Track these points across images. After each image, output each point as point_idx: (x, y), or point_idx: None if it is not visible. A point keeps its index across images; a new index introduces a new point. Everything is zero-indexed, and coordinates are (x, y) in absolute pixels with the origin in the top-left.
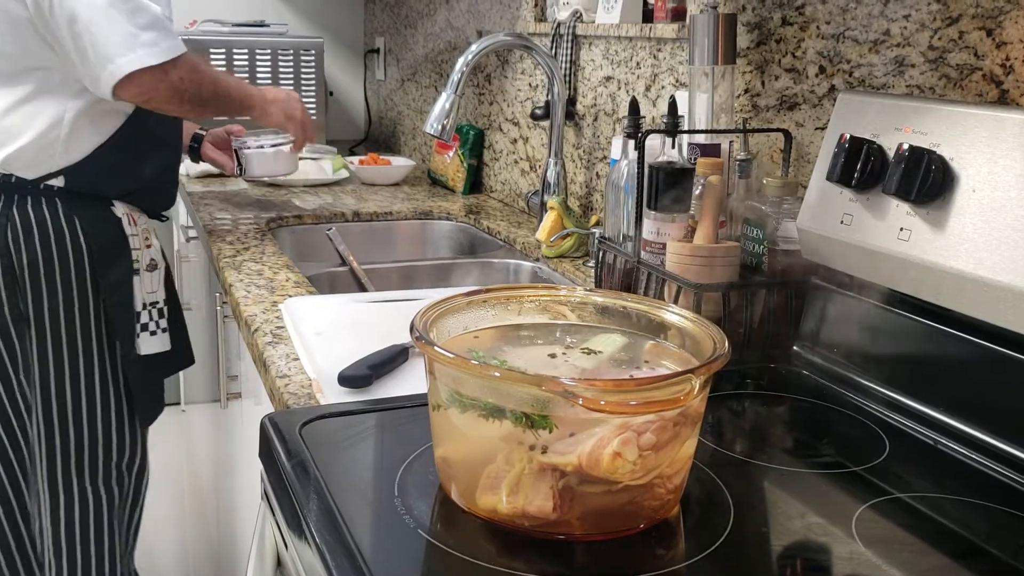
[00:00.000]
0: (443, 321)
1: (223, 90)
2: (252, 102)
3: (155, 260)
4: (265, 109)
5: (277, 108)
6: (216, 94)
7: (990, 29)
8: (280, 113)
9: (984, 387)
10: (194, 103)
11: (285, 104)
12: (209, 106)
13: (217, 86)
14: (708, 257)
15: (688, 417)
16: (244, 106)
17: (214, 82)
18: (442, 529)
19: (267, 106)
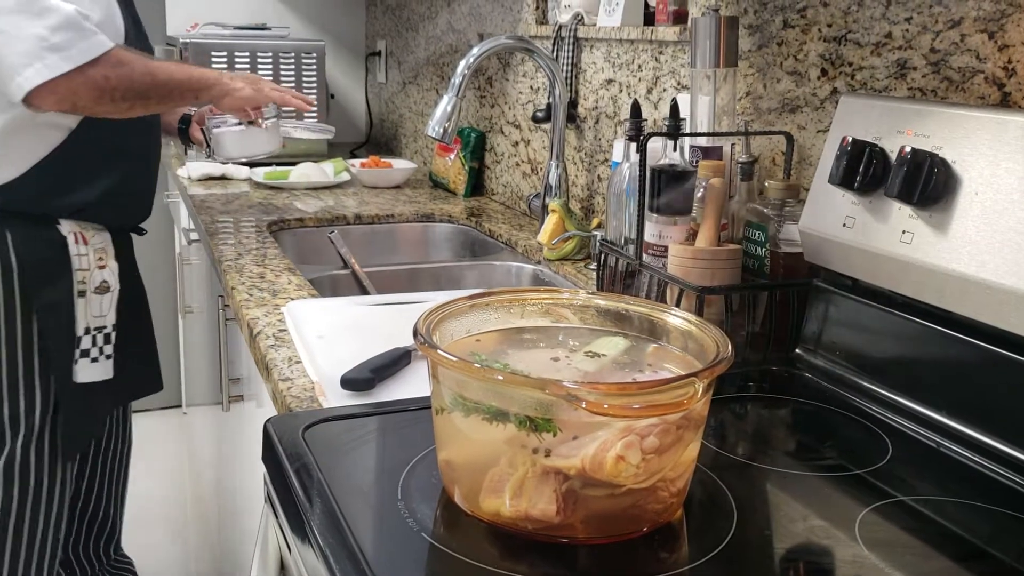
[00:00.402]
0: (446, 324)
1: (164, 77)
2: (208, 82)
3: (108, 282)
4: (228, 85)
5: (243, 82)
6: (156, 84)
7: (992, 32)
8: (248, 87)
9: (987, 390)
10: (131, 98)
11: (250, 78)
12: (152, 98)
13: (155, 75)
14: (710, 260)
15: (691, 420)
16: (199, 88)
17: (149, 72)
18: (445, 532)
19: (230, 82)
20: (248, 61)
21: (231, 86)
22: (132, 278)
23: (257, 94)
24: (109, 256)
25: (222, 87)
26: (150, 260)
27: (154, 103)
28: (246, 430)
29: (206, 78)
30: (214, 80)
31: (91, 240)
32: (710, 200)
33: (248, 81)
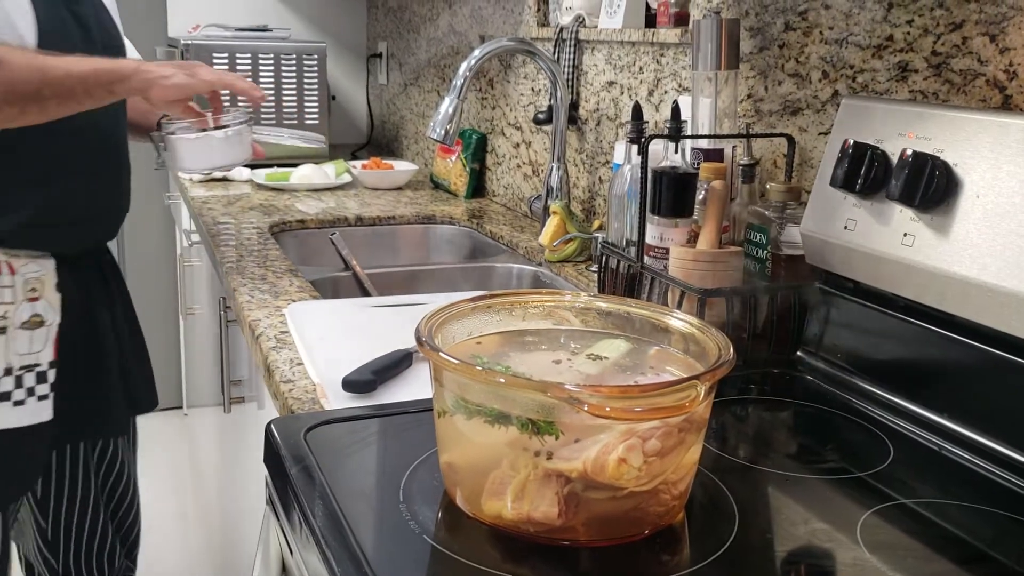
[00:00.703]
0: (448, 327)
1: (60, 74)
2: (122, 72)
3: (41, 316)
4: (150, 73)
5: (172, 68)
6: (48, 81)
7: (993, 35)
8: (179, 73)
9: (988, 392)
10: (17, 101)
11: (184, 64)
12: (49, 98)
13: (47, 72)
14: (711, 262)
15: (693, 423)
16: (111, 80)
17: (39, 69)
18: (447, 535)
19: (155, 69)
20: (250, 63)
21: (155, 73)
22: (92, 304)
23: (191, 80)
24: (47, 286)
25: (142, 76)
26: (151, 261)
27: (54, 104)
28: (247, 432)
29: (120, 68)
30: (131, 70)
31: (21, 269)
32: (711, 202)
33: (180, 67)
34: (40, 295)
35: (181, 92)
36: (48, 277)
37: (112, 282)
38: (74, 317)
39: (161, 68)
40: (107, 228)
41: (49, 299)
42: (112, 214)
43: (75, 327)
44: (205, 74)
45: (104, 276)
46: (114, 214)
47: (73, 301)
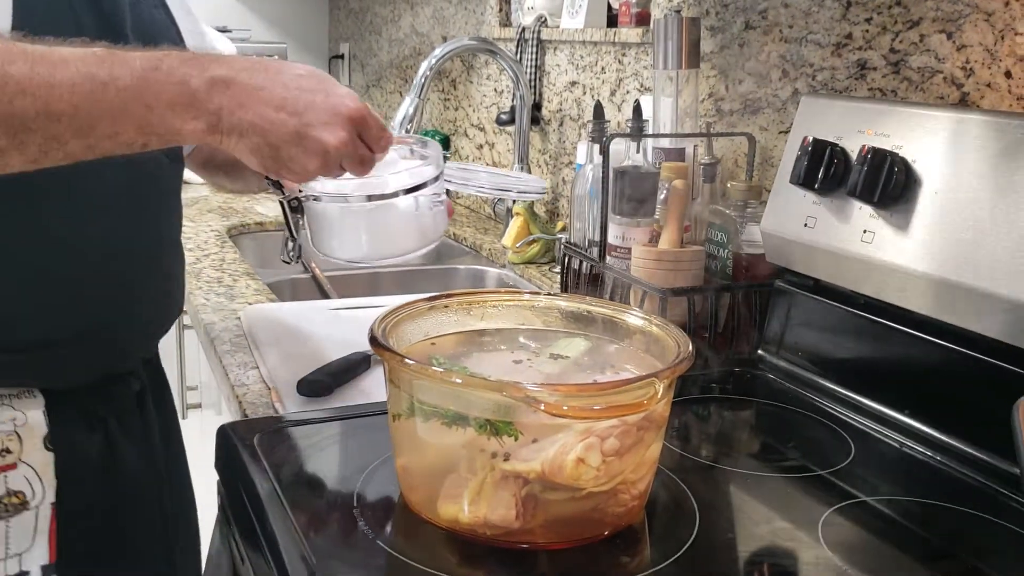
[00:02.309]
0: (403, 327)
1: (64, 88)
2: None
3: (22, 493)
4: (234, 97)
5: (286, 90)
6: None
7: (950, 32)
8: (296, 106)
9: (948, 389)
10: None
11: (304, 91)
12: (34, 130)
13: (54, 77)
14: (673, 261)
15: (652, 421)
16: (176, 102)
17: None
18: (402, 540)
19: (248, 81)
20: None
21: (243, 106)
22: (117, 453)
23: (321, 129)
24: (29, 443)
25: (216, 100)
26: None
27: (37, 138)
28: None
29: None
30: (197, 86)
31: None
32: (673, 202)
33: (296, 96)
34: (16, 458)
35: (294, 133)
36: (30, 428)
37: (151, 405)
38: (85, 483)
39: (252, 77)
40: (143, 341)
41: (35, 463)
42: (152, 321)
43: (88, 496)
44: (347, 109)
45: (141, 402)
46: (156, 321)
47: (80, 458)
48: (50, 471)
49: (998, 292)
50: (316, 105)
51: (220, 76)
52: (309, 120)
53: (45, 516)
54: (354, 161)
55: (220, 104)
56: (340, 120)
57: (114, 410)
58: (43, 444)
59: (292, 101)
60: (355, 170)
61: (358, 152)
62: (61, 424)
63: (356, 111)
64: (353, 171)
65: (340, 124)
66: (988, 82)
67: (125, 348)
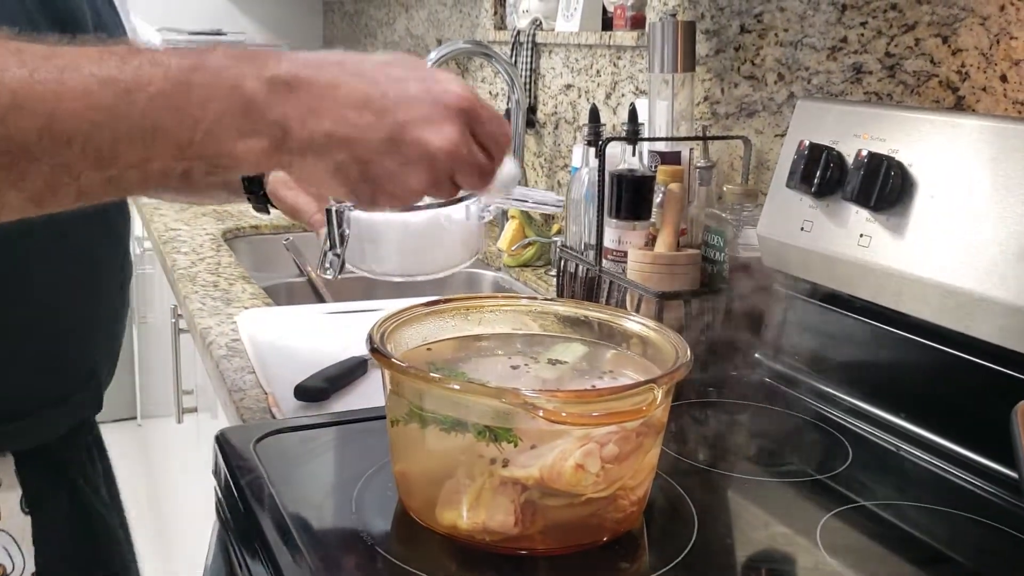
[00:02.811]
0: (401, 332)
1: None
2: (243, 87)
3: (3, 567)
4: (299, 107)
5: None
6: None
7: (945, 36)
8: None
9: (946, 393)
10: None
11: (393, 81)
12: (37, 157)
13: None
14: (669, 265)
15: (651, 427)
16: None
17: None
18: (400, 546)
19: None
20: None
21: (310, 105)
22: (73, 522)
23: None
24: (8, 506)
25: (279, 107)
26: None
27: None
28: (200, 442)
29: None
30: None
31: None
32: (669, 205)
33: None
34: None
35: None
36: (6, 491)
37: (100, 462)
38: (61, 545)
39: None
40: (94, 398)
41: (13, 529)
42: (100, 373)
43: (64, 559)
44: (457, 93)
45: (92, 456)
46: (103, 371)
47: (53, 518)
48: (28, 537)
49: (995, 296)
50: (412, 97)
51: (282, 74)
52: (405, 117)
53: None
54: (470, 170)
55: (285, 112)
56: (447, 113)
57: (75, 460)
58: (20, 507)
59: (379, 97)
60: (472, 183)
61: (474, 157)
62: (32, 483)
63: (465, 99)
64: (470, 185)
65: (447, 118)
66: (984, 86)
67: (94, 399)
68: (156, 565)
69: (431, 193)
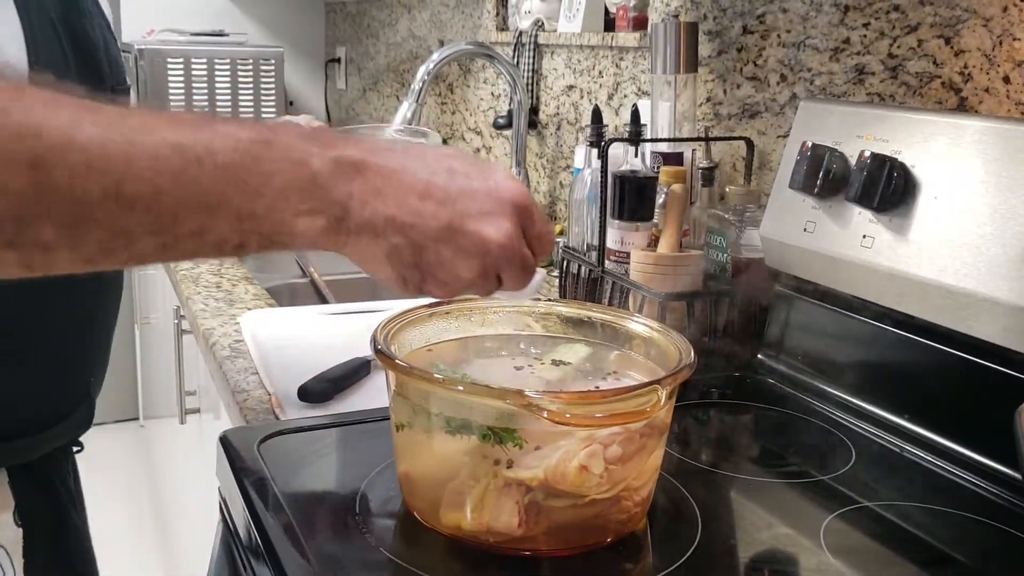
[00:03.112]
0: (405, 334)
1: (144, 163)
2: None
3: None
4: (363, 188)
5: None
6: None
7: (948, 37)
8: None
9: (948, 394)
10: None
11: (456, 174)
12: (98, 220)
13: (89, 151)
14: (672, 266)
15: (655, 428)
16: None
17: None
18: (404, 547)
19: (366, 181)
20: (205, 68)
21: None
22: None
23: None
24: (2, 517)
25: (343, 187)
26: None
27: (97, 235)
28: (203, 443)
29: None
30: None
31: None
32: (671, 206)
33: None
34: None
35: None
36: (1, 505)
37: (74, 476)
38: (47, 556)
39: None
40: (87, 416)
41: (6, 542)
42: (93, 392)
43: (51, 570)
44: (514, 190)
45: (72, 470)
46: (95, 389)
47: (41, 531)
48: (19, 549)
49: (998, 297)
50: (473, 190)
51: (348, 156)
52: (465, 209)
53: None
54: (515, 267)
55: (349, 192)
56: (504, 208)
57: (59, 473)
58: (13, 520)
59: (442, 186)
60: (514, 281)
61: (523, 253)
62: (23, 495)
63: (521, 195)
64: (512, 283)
65: (504, 213)
66: (986, 87)
67: (87, 417)
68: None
69: (476, 285)
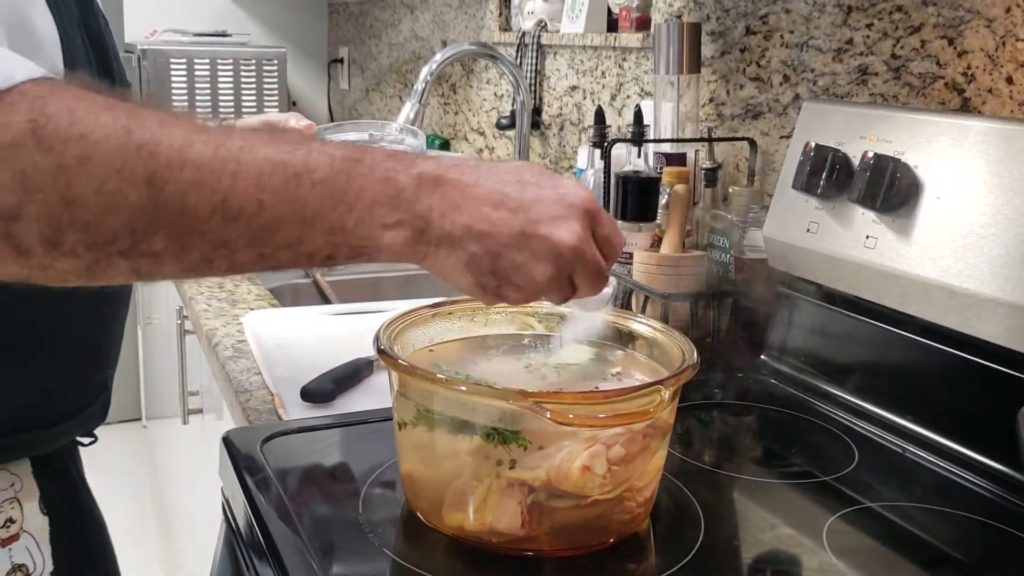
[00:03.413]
0: (407, 334)
1: (249, 179)
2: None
3: (25, 568)
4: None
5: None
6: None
7: (951, 38)
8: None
9: (951, 395)
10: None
11: (526, 184)
12: (204, 232)
13: (201, 168)
14: (675, 266)
15: (657, 429)
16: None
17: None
18: (407, 547)
19: (445, 194)
20: (208, 69)
21: (452, 201)
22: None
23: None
24: (27, 508)
25: (425, 200)
26: None
27: (202, 245)
28: (205, 443)
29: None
30: (396, 187)
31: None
32: (674, 207)
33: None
34: (20, 528)
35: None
36: (27, 493)
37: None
38: (70, 544)
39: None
40: (105, 406)
41: (34, 531)
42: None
43: (76, 557)
44: (582, 195)
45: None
46: (111, 380)
47: (64, 518)
48: (46, 538)
49: (1001, 297)
50: (543, 198)
51: (428, 172)
52: (536, 215)
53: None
54: (588, 270)
55: (430, 205)
56: (573, 212)
57: (76, 463)
58: (39, 508)
59: (514, 196)
60: (589, 285)
61: (594, 255)
62: (46, 484)
63: (589, 200)
64: (585, 286)
65: (574, 216)
66: (989, 88)
67: (104, 407)
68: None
69: (551, 289)
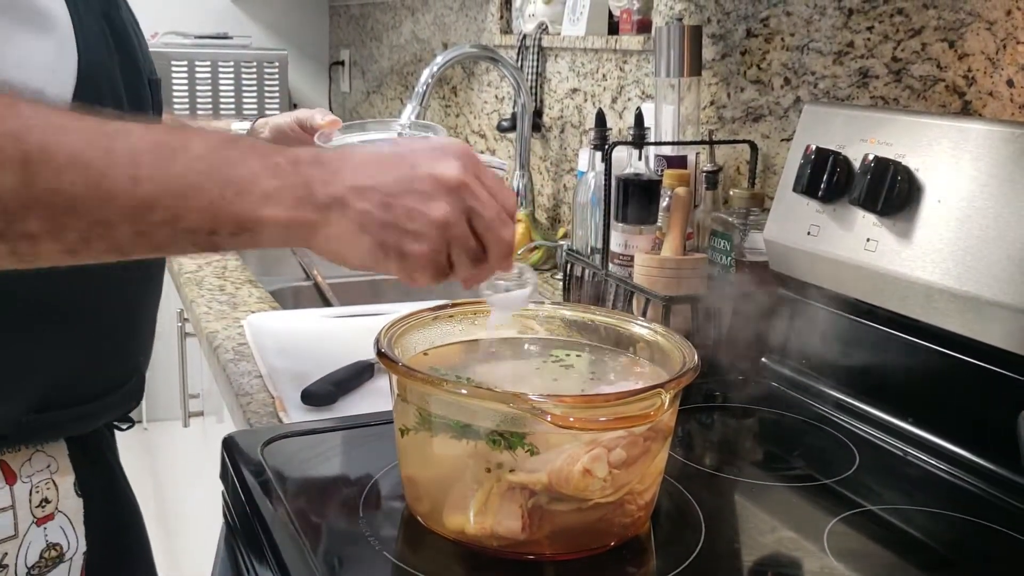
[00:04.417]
0: (408, 337)
1: (122, 157)
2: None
3: (59, 546)
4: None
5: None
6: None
7: (952, 41)
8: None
9: (952, 397)
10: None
11: (399, 145)
12: (79, 212)
13: (73, 152)
14: (676, 269)
15: (658, 432)
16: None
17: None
18: (408, 551)
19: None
20: (209, 71)
21: (332, 169)
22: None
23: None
24: (63, 489)
25: (305, 171)
26: None
27: (79, 224)
28: (206, 446)
29: (239, 155)
30: (272, 162)
31: (23, 471)
32: (675, 209)
33: (399, 143)
34: (55, 508)
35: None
36: (63, 474)
37: None
38: (102, 525)
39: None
40: (139, 387)
41: (69, 511)
42: (143, 364)
43: (108, 539)
44: (458, 144)
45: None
46: (144, 363)
47: (97, 500)
48: (80, 519)
49: (1002, 301)
50: (418, 149)
51: (305, 155)
52: (414, 160)
53: (77, 568)
54: (484, 208)
55: (310, 175)
56: (450, 152)
57: (111, 448)
58: (74, 490)
59: (391, 154)
60: (489, 228)
61: (484, 193)
62: (82, 467)
63: (467, 148)
64: (488, 231)
65: (452, 155)
66: (990, 91)
67: (138, 388)
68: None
69: (453, 235)
